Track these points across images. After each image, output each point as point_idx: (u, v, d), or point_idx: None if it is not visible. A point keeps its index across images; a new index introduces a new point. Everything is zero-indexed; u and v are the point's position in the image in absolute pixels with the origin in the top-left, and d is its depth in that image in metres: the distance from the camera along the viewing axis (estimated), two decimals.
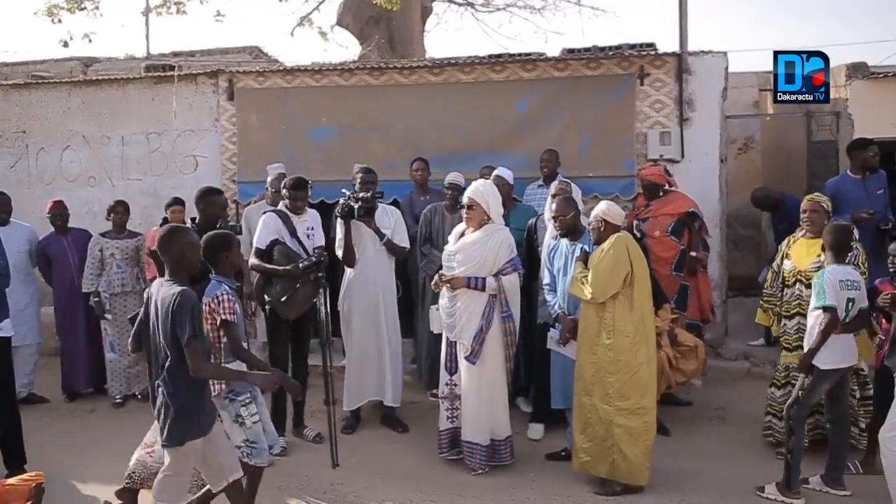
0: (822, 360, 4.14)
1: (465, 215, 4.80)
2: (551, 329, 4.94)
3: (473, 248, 4.69)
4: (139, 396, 6.29)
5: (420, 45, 11.47)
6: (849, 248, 4.35)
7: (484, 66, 7.18)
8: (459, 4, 13.36)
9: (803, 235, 4.86)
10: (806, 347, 4.26)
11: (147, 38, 10.71)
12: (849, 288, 4.15)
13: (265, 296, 5.09)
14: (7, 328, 4.86)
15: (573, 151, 6.72)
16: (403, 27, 10.95)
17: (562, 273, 4.79)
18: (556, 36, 25.13)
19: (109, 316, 6.22)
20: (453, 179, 5.99)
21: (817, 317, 4.16)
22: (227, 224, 5.07)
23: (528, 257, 5.33)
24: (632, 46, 7.09)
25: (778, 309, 4.92)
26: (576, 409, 4.52)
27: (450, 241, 4.91)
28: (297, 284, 4.96)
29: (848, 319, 4.16)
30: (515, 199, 6.17)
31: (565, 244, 4.79)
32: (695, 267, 5.96)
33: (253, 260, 5.17)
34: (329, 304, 5.04)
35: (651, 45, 7.09)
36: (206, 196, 4.86)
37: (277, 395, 5.15)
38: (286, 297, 4.98)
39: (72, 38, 9.70)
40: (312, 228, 5.30)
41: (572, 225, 4.71)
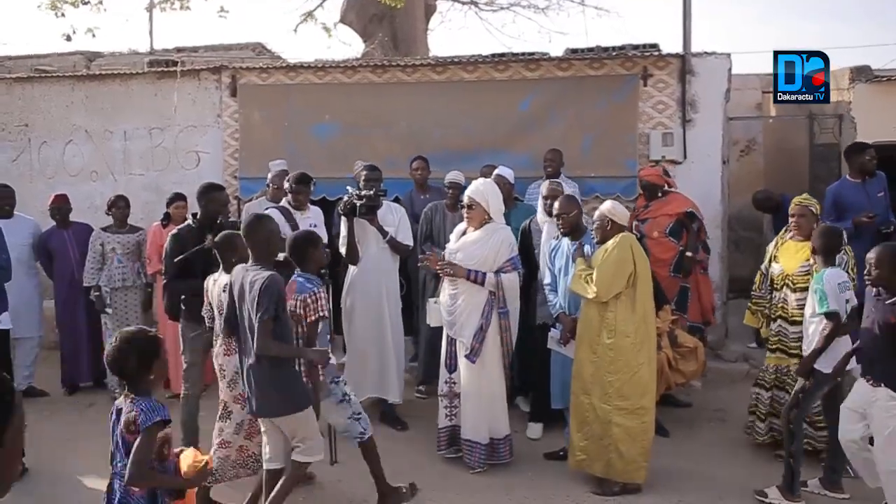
0: (824, 364, 4.14)
1: (465, 215, 4.81)
2: (552, 329, 4.95)
3: (474, 246, 4.70)
4: None
5: (423, 44, 11.46)
6: (838, 250, 4.33)
7: (487, 65, 7.18)
8: (463, 3, 13.35)
9: (791, 238, 4.85)
10: (807, 352, 4.25)
11: (150, 33, 10.68)
12: (846, 289, 4.15)
13: None
14: (6, 321, 4.87)
15: (575, 151, 6.72)
16: (407, 25, 10.94)
17: (563, 273, 4.79)
18: (560, 36, 25.17)
19: (110, 310, 6.22)
20: (454, 178, 5.99)
21: (819, 322, 4.15)
22: (228, 220, 5.07)
23: (524, 259, 5.32)
24: (635, 47, 7.08)
25: (766, 311, 4.91)
26: (573, 408, 4.53)
27: (451, 240, 4.92)
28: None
29: (845, 320, 4.17)
30: (517, 199, 6.17)
31: (567, 244, 4.79)
32: (689, 267, 5.91)
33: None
34: (332, 300, 5.04)
35: (654, 46, 7.09)
36: (207, 192, 4.86)
37: None
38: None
39: (75, 33, 9.68)
40: (315, 225, 5.31)
41: (575, 223, 4.71)
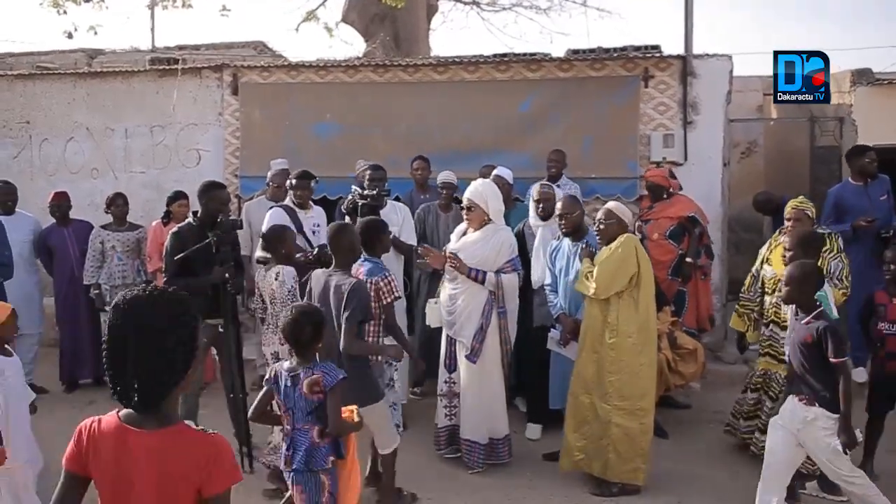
0: None
1: (465, 216, 4.81)
2: (552, 329, 4.95)
3: (475, 246, 4.70)
4: None
5: (425, 44, 11.46)
6: (818, 254, 4.30)
7: (488, 66, 7.18)
8: (465, 3, 13.33)
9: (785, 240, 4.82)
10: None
11: (152, 31, 10.68)
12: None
13: None
14: None
15: (576, 152, 6.72)
16: (409, 25, 10.94)
17: (563, 273, 4.79)
18: (562, 36, 25.21)
19: (109, 308, 6.22)
20: (446, 178, 5.99)
21: None
22: (229, 219, 5.07)
23: (522, 261, 5.31)
24: (636, 48, 7.09)
25: (754, 314, 4.86)
26: (571, 408, 4.52)
27: (452, 240, 4.91)
28: (303, 279, 4.97)
29: None
30: (517, 199, 6.17)
31: (567, 244, 4.79)
32: (688, 272, 5.88)
33: (259, 252, 5.17)
34: None
35: (656, 48, 7.09)
36: (208, 190, 4.86)
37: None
38: None
39: (77, 30, 9.67)
40: (318, 225, 5.32)
41: (578, 224, 4.71)
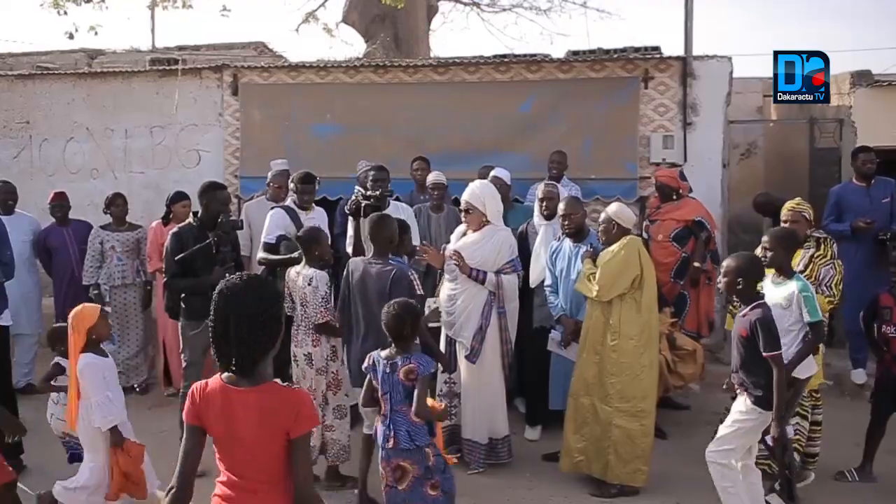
0: (801, 371, 4.11)
1: (463, 219, 4.81)
2: (552, 330, 4.95)
3: (474, 247, 4.70)
4: (137, 389, 6.29)
5: (425, 44, 11.48)
6: (794, 252, 4.28)
7: (489, 67, 7.19)
8: (465, 4, 13.37)
9: None
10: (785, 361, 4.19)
11: (152, 31, 10.74)
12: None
13: None
14: (6, 318, 4.87)
15: (576, 153, 6.72)
16: (409, 26, 10.95)
17: (564, 274, 4.79)
18: (562, 38, 25.27)
19: (109, 308, 6.21)
20: (435, 179, 5.98)
21: (801, 330, 4.06)
22: (229, 219, 5.08)
23: (523, 261, 5.31)
24: (636, 49, 7.10)
25: None
26: (571, 410, 4.52)
27: (451, 240, 4.91)
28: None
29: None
30: (517, 200, 6.17)
31: (568, 245, 4.79)
32: (697, 277, 5.83)
33: (261, 254, 5.19)
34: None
35: (656, 49, 7.10)
36: (209, 191, 4.86)
37: None
38: None
39: (77, 30, 9.68)
40: (319, 226, 5.31)
41: (580, 224, 4.72)
